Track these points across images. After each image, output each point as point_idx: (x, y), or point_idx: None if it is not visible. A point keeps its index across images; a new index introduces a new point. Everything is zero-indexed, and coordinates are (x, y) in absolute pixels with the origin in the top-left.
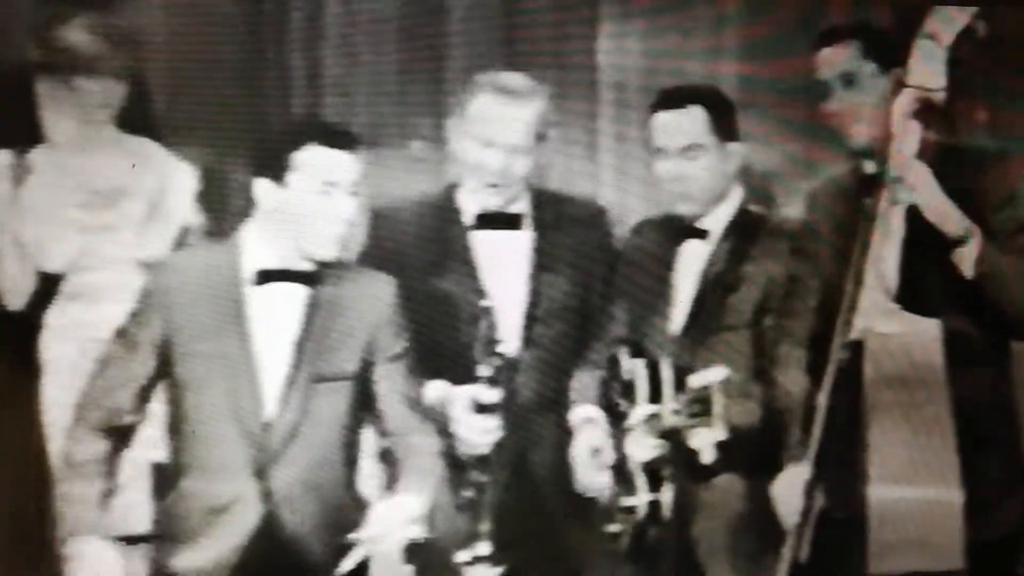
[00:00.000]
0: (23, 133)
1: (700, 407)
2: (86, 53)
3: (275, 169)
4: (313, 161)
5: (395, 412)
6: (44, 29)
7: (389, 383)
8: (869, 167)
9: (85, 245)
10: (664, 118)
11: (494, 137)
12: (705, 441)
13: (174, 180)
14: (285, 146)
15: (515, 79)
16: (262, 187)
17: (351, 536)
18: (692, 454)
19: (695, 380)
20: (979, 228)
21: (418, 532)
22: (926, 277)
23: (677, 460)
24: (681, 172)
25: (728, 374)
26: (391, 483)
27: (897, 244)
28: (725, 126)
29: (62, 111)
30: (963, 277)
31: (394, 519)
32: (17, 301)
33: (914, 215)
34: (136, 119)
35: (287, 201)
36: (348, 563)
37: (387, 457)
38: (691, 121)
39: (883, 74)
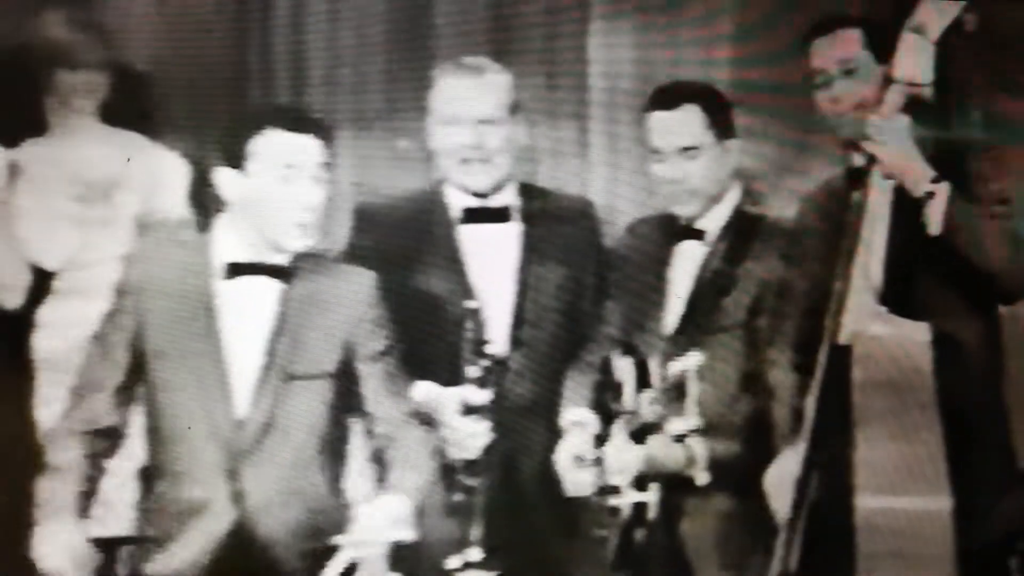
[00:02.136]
0: (15, 128)
1: (675, 393)
2: (66, 46)
3: (235, 157)
4: (271, 146)
5: (382, 411)
6: (25, 22)
7: (375, 382)
8: (857, 160)
9: (82, 240)
10: (660, 118)
11: (460, 112)
12: (680, 428)
13: (166, 173)
14: (243, 132)
15: (474, 59)
16: (224, 176)
17: (335, 540)
18: (685, 480)
19: (673, 367)
20: (948, 186)
21: (405, 534)
22: (912, 276)
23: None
24: (680, 173)
25: (703, 359)
26: (380, 484)
27: (882, 242)
28: (722, 123)
29: (46, 104)
30: (947, 274)
31: (379, 521)
32: (12, 299)
33: (898, 209)
34: (120, 112)
35: (250, 190)
36: (333, 569)
37: (378, 459)
38: (688, 121)
39: (880, 64)
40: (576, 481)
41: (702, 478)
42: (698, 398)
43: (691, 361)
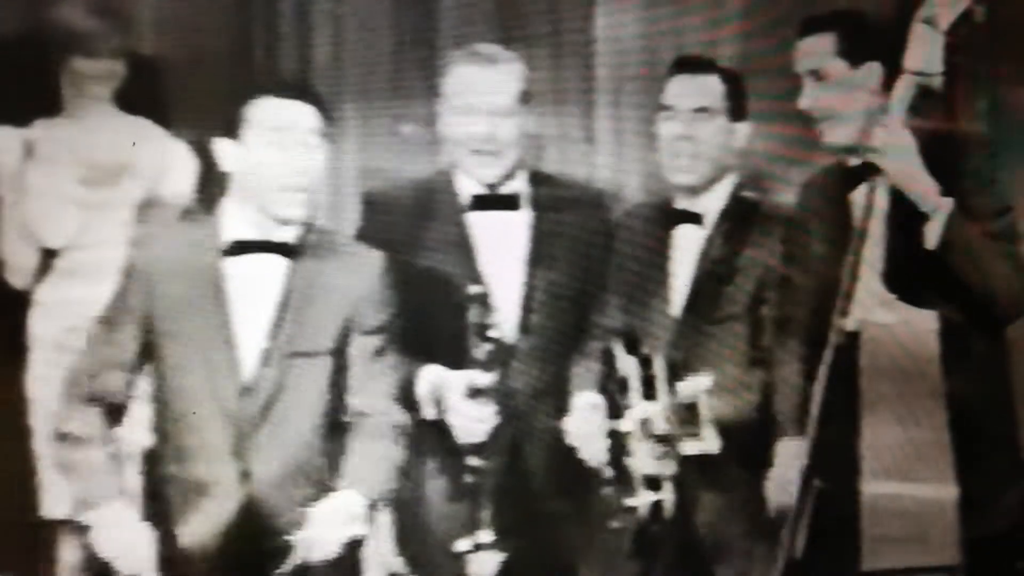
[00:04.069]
0: (31, 108)
1: (687, 415)
2: (84, 32)
3: (231, 127)
4: (263, 113)
5: (361, 385)
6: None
7: (362, 356)
8: (853, 160)
9: (84, 222)
10: (680, 80)
11: (474, 103)
12: (695, 450)
13: (173, 161)
14: (238, 102)
15: (489, 47)
16: (222, 148)
17: (286, 538)
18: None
19: (683, 388)
20: (952, 202)
21: (359, 531)
22: (913, 267)
23: (678, 461)
24: (690, 132)
25: (712, 382)
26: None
27: (882, 232)
28: (737, 102)
29: (61, 86)
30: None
31: (332, 518)
32: (20, 279)
33: (896, 203)
34: (133, 98)
35: (246, 160)
36: (286, 566)
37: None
38: (707, 85)
39: (856, 68)
40: (588, 447)
41: (713, 445)
42: (712, 424)
43: (702, 383)
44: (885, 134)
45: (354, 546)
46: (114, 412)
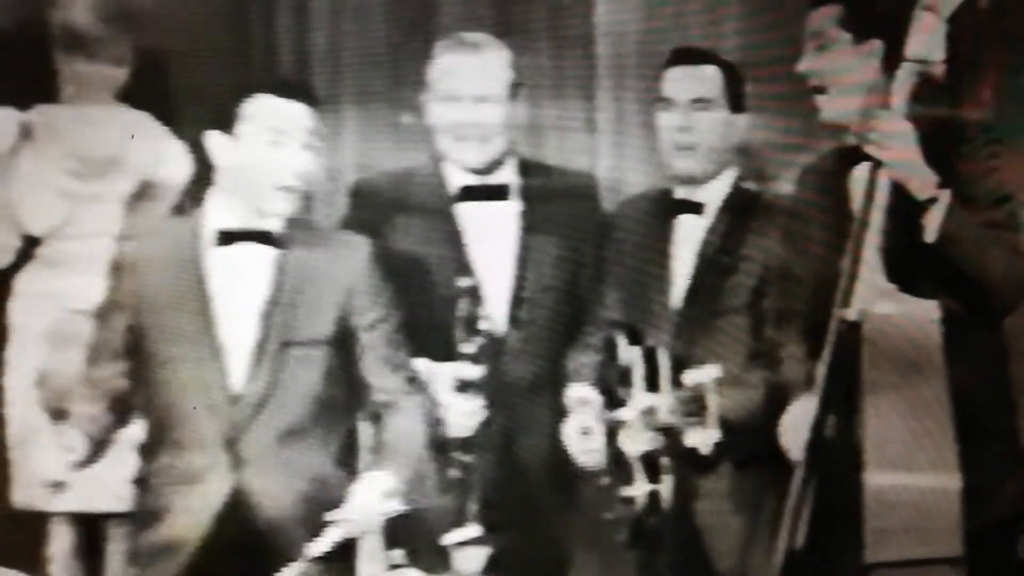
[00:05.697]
0: (33, 92)
1: (694, 406)
2: (88, 36)
3: (226, 121)
4: (262, 110)
5: (381, 383)
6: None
7: (373, 353)
8: (851, 139)
9: (69, 213)
10: (678, 71)
11: (458, 90)
12: (700, 441)
13: (167, 158)
14: (235, 97)
15: (474, 35)
16: (214, 140)
17: (327, 516)
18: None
19: (688, 378)
20: (951, 192)
21: (395, 507)
22: (913, 256)
23: (676, 453)
24: (688, 123)
25: (721, 373)
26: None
27: (882, 222)
28: (735, 94)
29: (64, 79)
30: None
31: (370, 497)
32: (2, 258)
33: (896, 192)
34: (133, 93)
35: (239, 154)
36: (323, 543)
37: (375, 420)
38: (705, 77)
39: (859, 43)
40: (584, 451)
41: (706, 448)
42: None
43: (708, 373)
44: (883, 123)
45: (393, 521)
46: (119, 410)
